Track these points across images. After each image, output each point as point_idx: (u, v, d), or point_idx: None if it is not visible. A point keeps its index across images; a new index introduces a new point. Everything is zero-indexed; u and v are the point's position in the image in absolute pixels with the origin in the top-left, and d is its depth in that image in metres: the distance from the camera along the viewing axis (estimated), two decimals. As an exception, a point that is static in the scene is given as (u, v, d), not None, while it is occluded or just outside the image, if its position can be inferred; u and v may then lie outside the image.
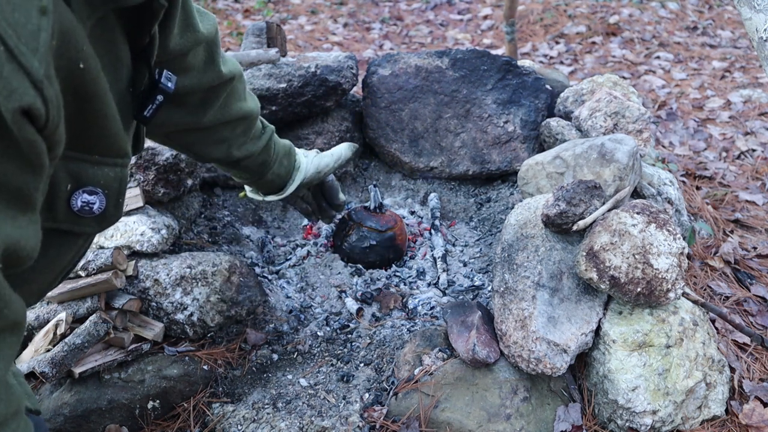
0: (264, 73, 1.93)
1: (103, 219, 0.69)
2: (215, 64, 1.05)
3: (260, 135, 1.28)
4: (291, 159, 1.42)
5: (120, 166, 0.68)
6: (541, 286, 1.38)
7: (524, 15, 4.70)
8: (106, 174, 0.66)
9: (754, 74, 3.66)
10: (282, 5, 5.09)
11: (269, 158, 1.33)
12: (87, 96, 0.58)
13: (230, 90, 1.13)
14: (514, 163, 2.06)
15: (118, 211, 0.71)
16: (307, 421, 1.32)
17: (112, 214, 0.70)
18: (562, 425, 1.33)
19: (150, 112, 0.72)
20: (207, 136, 1.17)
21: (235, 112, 1.17)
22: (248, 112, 1.20)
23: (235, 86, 1.14)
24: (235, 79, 1.13)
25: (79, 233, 0.69)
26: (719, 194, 2.36)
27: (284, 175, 1.40)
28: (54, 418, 1.31)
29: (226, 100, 1.13)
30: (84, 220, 0.67)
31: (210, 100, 1.10)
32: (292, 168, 1.42)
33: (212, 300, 1.50)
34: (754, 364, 1.54)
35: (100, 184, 0.66)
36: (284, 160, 1.39)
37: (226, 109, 1.14)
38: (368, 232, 1.82)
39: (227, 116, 1.15)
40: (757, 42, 1.28)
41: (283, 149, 1.38)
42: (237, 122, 1.19)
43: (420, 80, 2.12)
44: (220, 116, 1.14)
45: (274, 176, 1.37)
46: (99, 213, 0.67)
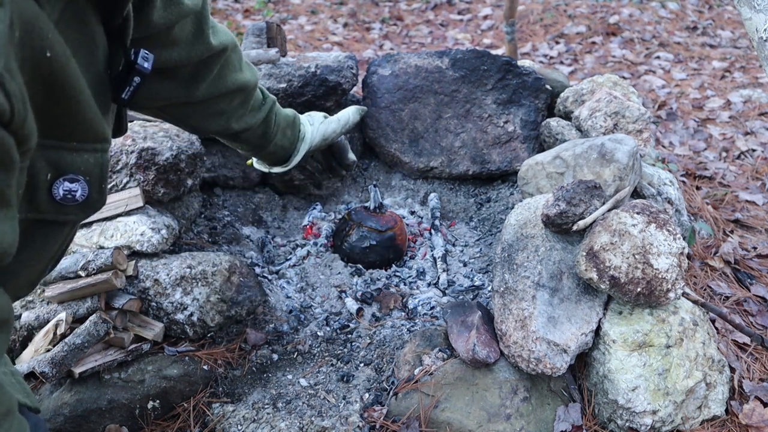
0: (264, 73, 1.93)
1: (87, 206, 0.68)
2: (204, 36, 1.02)
3: (260, 106, 1.25)
4: (295, 129, 1.38)
5: (100, 151, 0.67)
6: (541, 286, 1.38)
7: (524, 15, 4.70)
8: (86, 160, 0.65)
9: (754, 74, 3.66)
10: (282, 5, 5.09)
11: (270, 130, 1.29)
12: (57, 84, 0.57)
13: (223, 62, 1.10)
14: (514, 163, 2.06)
15: (102, 196, 0.70)
16: (307, 421, 1.32)
17: (96, 200, 0.69)
18: (562, 425, 1.33)
19: (128, 94, 0.70)
20: (202, 109, 1.14)
21: (230, 84, 1.13)
22: (244, 84, 1.17)
23: (228, 57, 1.11)
24: (227, 50, 1.09)
25: (64, 222, 0.68)
26: (719, 194, 2.36)
27: (288, 146, 1.37)
28: (54, 418, 1.31)
29: (219, 72, 1.10)
30: (67, 208, 0.66)
31: (202, 73, 1.07)
32: (296, 138, 1.38)
33: (212, 300, 1.50)
34: (754, 364, 1.54)
35: (81, 171, 0.65)
36: (287, 131, 1.35)
37: (221, 82, 1.11)
38: (368, 232, 1.82)
39: (222, 89, 1.12)
40: (757, 42, 1.28)
41: (285, 120, 1.34)
42: (233, 94, 1.16)
43: (420, 80, 2.12)
44: (214, 89, 1.11)
45: (276, 148, 1.34)
46: (82, 200, 0.66)
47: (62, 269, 1.41)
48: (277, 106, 1.31)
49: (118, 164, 1.62)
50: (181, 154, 1.66)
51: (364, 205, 1.92)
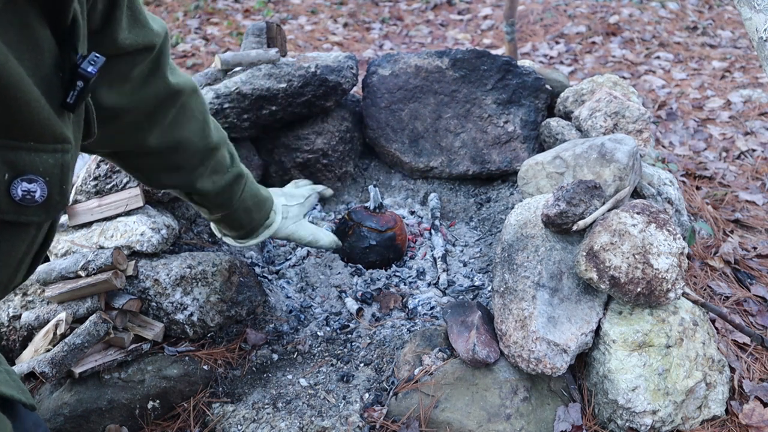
0: (264, 73, 1.93)
1: (49, 207, 0.67)
2: (162, 71, 0.98)
3: (224, 170, 1.19)
4: (262, 214, 1.33)
5: (60, 152, 0.66)
6: (541, 286, 1.38)
7: (524, 15, 4.70)
8: (45, 161, 0.64)
9: (754, 74, 3.66)
10: (282, 5, 5.09)
11: (231, 202, 1.23)
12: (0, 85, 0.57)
13: (180, 107, 1.05)
14: (514, 163, 2.06)
15: (63, 198, 0.69)
16: (307, 421, 1.32)
17: (58, 201, 0.68)
18: (562, 425, 1.33)
19: (72, 98, 0.67)
20: (156, 160, 1.08)
21: (187, 134, 1.08)
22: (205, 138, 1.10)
23: (186, 103, 1.06)
24: (184, 94, 1.04)
25: (26, 223, 0.67)
26: (719, 194, 2.36)
27: (246, 225, 1.32)
28: (54, 418, 1.31)
29: (175, 118, 1.05)
30: (28, 209, 0.65)
31: (155, 116, 1.02)
32: (259, 224, 1.33)
33: (212, 300, 1.50)
34: (754, 364, 1.54)
35: (39, 171, 0.64)
36: (253, 212, 1.30)
37: (176, 130, 1.06)
38: (368, 232, 1.82)
39: (178, 138, 1.07)
40: (757, 42, 1.28)
41: (253, 198, 1.28)
42: (191, 147, 1.10)
43: (420, 80, 2.12)
44: (169, 137, 1.05)
45: (233, 223, 1.29)
46: (42, 201, 0.65)
47: (62, 269, 1.41)
48: (248, 180, 1.26)
49: (118, 164, 1.62)
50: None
51: (364, 205, 1.92)
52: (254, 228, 1.35)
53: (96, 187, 1.60)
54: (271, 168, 2.12)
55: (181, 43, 4.18)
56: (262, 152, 2.11)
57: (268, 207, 1.35)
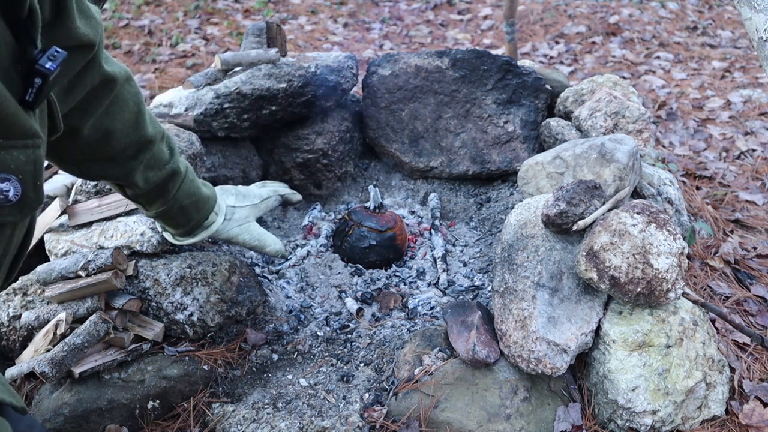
0: (264, 73, 1.93)
1: (24, 205, 0.65)
2: (97, 59, 0.94)
3: (161, 167, 1.16)
4: (200, 214, 1.29)
5: (31, 147, 0.64)
6: (541, 286, 1.38)
7: (524, 15, 4.70)
8: (16, 158, 0.63)
9: (754, 74, 3.66)
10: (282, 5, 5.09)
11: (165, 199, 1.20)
12: None
13: (114, 96, 1.02)
14: (514, 163, 2.06)
15: (38, 195, 0.67)
16: (307, 421, 1.32)
17: (33, 199, 0.66)
18: (562, 425, 1.33)
19: (31, 96, 0.65)
20: (89, 149, 1.05)
21: (119, 124, 1.04)
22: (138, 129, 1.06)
23: (120, 92, 1.02)
24: (118, 83, 1.01)
25: (2, 224, 0.65)
26: (719, 194, 2.36)
27: (183, 224, 1.29)
28: (54, 418, 1.31)
29: (109, 108, 1.02)
30: (2, 209, 0.63)
31: (90, 104, 0.98)
32: (198, 224, 1.30)
33: (212, 300, 1.50)
34: (754, 364, 1.54)
35: (11, 169, 0.62)
36: (190, 211, 1.26)
37: (109, 119, 1.02)
38: (368, 232, 1.82)
39: (110, 127, 1.03)
40: (757, 42, 1.28)
41: (190, 198, 1.25)
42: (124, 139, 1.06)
43: (420, 80, 2.12)
44: (100, 127, 1.02)
45: (167, 219, 1.27)
46: (17, 200, 0.63)
47: (62, 269, 1.41)
48: (186, 179, 1.22)
49: (118, 164, 1.62)
50: (181, 154, 1.66)
51: (364, 205, 1.92)
52: (192, 228, 1.31)
53: (96, 187, 1.60)
54: (271, 168, 2.12)
55: (181, 43, 4.18)
56: (262, 152, 2.11)
57: (209, 208, 1.31)
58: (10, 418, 0.77)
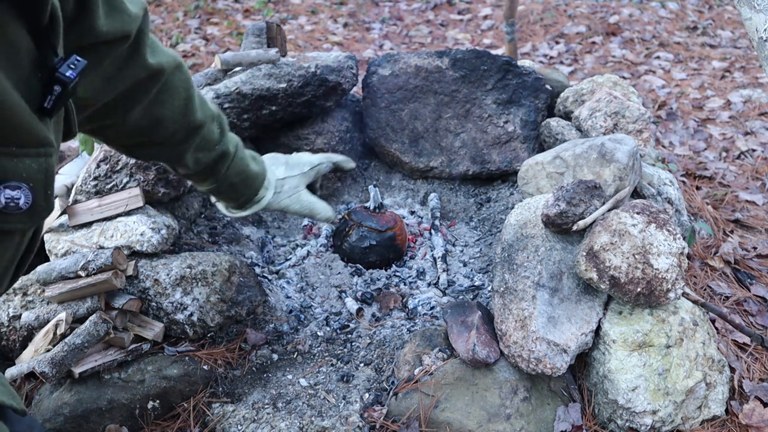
0: (264, 73, 1.93)
1: (34, 213, 0.65)
2: (141, 53, 0.93)
3: (211, 148, 1.16)
4: (250, 190, 1.30)
5: (44, 156, 0.64)
6: (541, 286, 1.38)
7: (524, 15, 4.70)
8: (28, 166, 0.63)
9: (754, 74, 3.66)
10: (282, 5, 5.09)
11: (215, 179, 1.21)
12: None
13: (162, 85, 1.00)
14: (514, 163, 2.06)
15: (48, 203, 0.67)
16: (307, 421, 1.32)
17: (43, 207, 0.66)
18: (562, 425, 1.33)
19: (50, 103, 0.64)
20: (138, 136, 1.05)
21: (168, 112, 1.04)
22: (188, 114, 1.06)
23: (168, 81, 1.01)
24: (165, 73, 1.00)
25: (11, 231, 0.65)
26: (719, 194, 2.36)
27: (234, 199, 1.30)
28: (54, 418, 1.31)
29: (157, 96, 1.01)
30: (13, 216, 0.63)
31: (136, 95, 0.97)
32: (248, 199, 1.31)
33: (212, 300, 1.50)
34: (754, 364, 1.54)
35: (23, 177, 0.62)
36: (240, 188, 1.28)
37: (158, 108, 1.02)
38: (368, 232, 1.82)
39: (158, 115, 1.03)
40: (757, 42, 1.28)
41: (240, 176, 1.26)
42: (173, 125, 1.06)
43: (420, 80, 2.12)
44: (149, 116, 1.02)
45: (218, 195, 1.28)
46: (27, 208, 0.63)
47: (62, 269, 1.41)
48: (236, 158, 1.23)
49: (118, 164, 1.62)
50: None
51: (364, 205, 1.92)
52: (243, 202, 1.32)
53: (96, 187, 1.60)
54: (271, 168, 2.12)
55: (181, 43, 4.18)
56: (262, 152, 2.11)
57: (258, 184, 1.32)
58: (10, 419, 0.77)
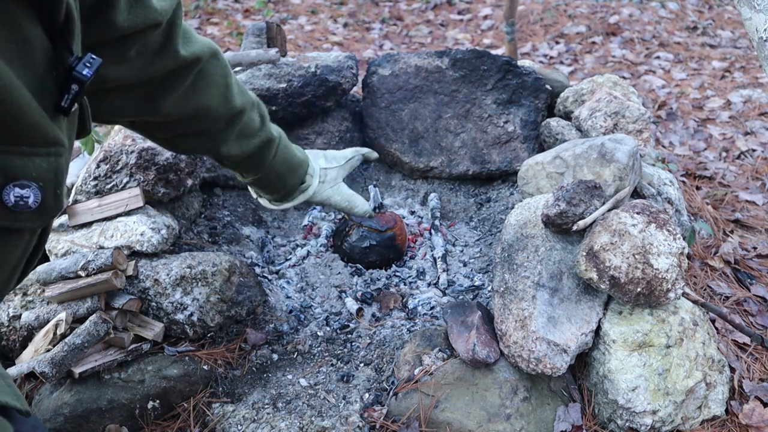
0: (264, 73, 1.93)
1: (43, 212, 0.65)
2: (172, 45, 0.92)
3: (254, 134, 1.15)
4: (296, 179, 1.28)
5: (54, 155, 0.64)
6: (541, 286, 1.38)
7: (524, 15, 4.70)
8: (38, 165, 0.62)
9: (754, 74, 3.66)
10: (282, 5, 5.09)
11: (262, 165, 1.20)
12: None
13: (197, 74, 0.99)
14: (514, 163, 2.06)
15: (58, 203, 0.67)
16: (307, 421, 1.32)
17: (52, 206, 0.66)
18: (562, 425, 1.33)
19: (67, 102, 0.64)
20: (176, 127, 1.04)
21: (205, 101, 1.02)
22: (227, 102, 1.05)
23: (203, 70, 1.00)
24: (200, 62, 0.98)
25: (20, 229, 0.65)
26: (719, 194, 2.36)
27: (280, 189, 1.28)
28: (54, 418, 1.31)
29: (193, 85, 1.00)
30: (22, 215, 0.63)
31: (168, 85, 0.97)
32: (294, 188, 1.29)
33: (212, 300, 1.50)
34: (754, 364, 1.54)
35: (33, 176, 0.62)
36: (286, 176, 1.26)
37: (194, 97, 1.01)
38: (368, 232, 1.82)
39: (196, 105, 1.01)
40: (757, 42, 1.28)
41: (286, 164, 1.24)
42: (212, 112, 1.05)
43: (420, 80, 2.12)
44: (185, 105, 1.00)
45: (264, 185, 1.26)
46: (36, 207, 0.63)
47: (62, 269, 1.41)
48: (281, 144, 1.22)
49: (118, 164, 1.62)
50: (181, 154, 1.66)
51: (364, 205, 1.92)
52: (288, 192, 1.30)
53: (96, 187, 1.60)
54: (271, 168, 2.12)
55: (181, 43, 4.18)
56: (262, 152, 2.11)
57: (303, 171, 1.29)
58: (14, 419, 0.77)
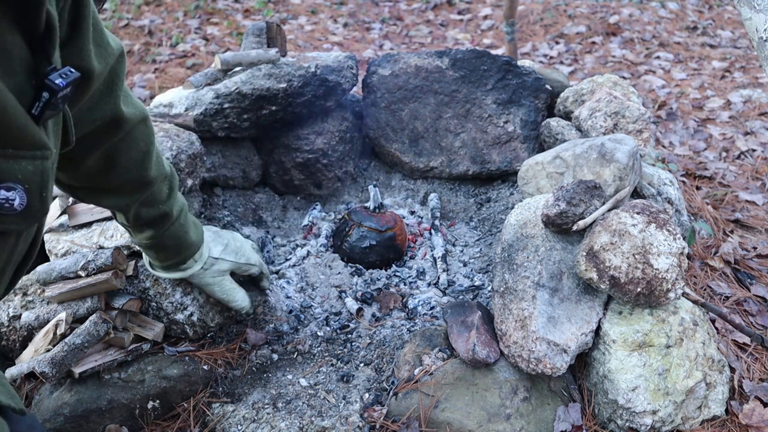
0: (264, 73, 1.93)
1: (28, 215, 0.66)
2: (113, 96, 0.95)
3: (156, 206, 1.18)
4: (179, 258, 1.31)
5: (40, 158, 0.65)
6: (541, 286, 1.38)
7: (524, 15, 4.70)
8: (24, 168, 0.63)
9: (754, 74, 3.66)
10: (282, 5, 5.09)
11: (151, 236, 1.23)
12: None
13: (126, 134, 1.03)
14: (514, 163, 2.06)
15: (43, 205, 0.68)
16: (307, 421, 1.32)
17: (38, 209, 0.67)
18: (562, 425, 1.33)
19: (37, 110, 0.65)
20: (89, 180, 1.07)
21: (125, 163, 1.06)
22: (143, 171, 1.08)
23: (132, 132, 1.04)
24: (130, 123, 1.02)
25: (6, 231, 0.66)
26: (719, 194, 2.36)
27: (161, 260, 1.31)
28: (54, 418, 1.31)
29: (118, 144, 1.03)
30: (7, 217, 0.64)
31: (98, 138, 1.00)
32: (173, 265, 1.32)
33: (212, 300, 1.50)
34: (754, 364, 1.54)
35: (18, 179, 0.63)
36: (170, 251, 1.29)
37: (116, 156, 1.04)
38: (368, 232, 1.82)
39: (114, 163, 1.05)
40: (757, 42, 1.28)
41: (175, 240, 1.27)
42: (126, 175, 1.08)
43: (420, 80, 2.12)
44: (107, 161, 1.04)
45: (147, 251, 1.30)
46: (22, 209, 0.64)
47: (62, 269, 1.41)
48: (177, 222, 1.24)
49: (118, 164, 1.61)
50: (181, 153, 1.66)
51: (364, 205, 1.92)
52: (168, 266, 1.34)
53: (96, 187, 1.60)
54: (271, 168, 2.12)
55: (181, 43, 4.18)
56: (262, 152, 2.11)
57: (189, 253, 1.33)
58: (10, 419, 0.77)
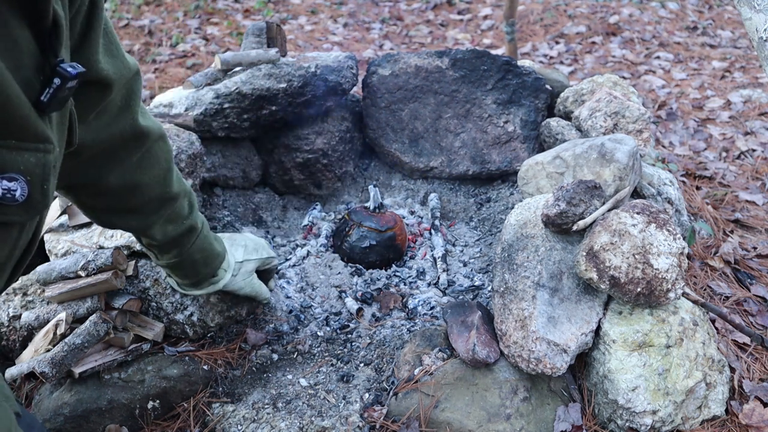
0: (264, 73, 1.93)
1: (30, 206, 0.67)
2: (131, 110, 0.97)
3: (179, 221, 1.19)
4: (209, 270, 1.32)
5: (42, 151, 0.66)
6: (541, 286, 1.38)
7: (524, 15, 4.70)
8: (26, 160, 0.64)
9: (754, 74, 3.65)
10: (282, 5, 5.09)
11: (179, 252, 1.23)
12: None
13: (146, 150, 1.04)
14: (514, 163, 2.06)
15: (45, 198, 0.69)
16: (307, 421, 1.32)
17: (39, 201, 0.68)
18: (562, 425, 1.33)
19: (47, 96, 0.66)
20: (112, 200, 1.08)
21: (148, 179, 1.07)
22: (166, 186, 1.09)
23: (151, 148, 1.05)
24: (150, 138, 1.03)
25: (7, 223, 0.67)
26: (719, 194, 2.36)
27: (191, 277, 1.32)
28: (54, 418, 1.31)
29: (139, 161, 1.04)
30: (9, 208, 0.65)
31: (118, 154, 1.01)
32: (204, 278, 1.34)
33: (212, 300, 1.50)
34: (754, 364, 1.54)
35: (20, 170, 0.64)
36: (200, 265, 1.30)
37: (139, 173, 1.05)
38: (368, 232, 1.82)
39: (138, 181, 1.06)
40: (757, 42, 1.28)
41: (202, 253, 1.28)
42: (149, 193, 1.09)
43: (420, 80, 2.12)
44: (130, 179, 1.04)
45: (176, 270, 1.30)
46: (23, 200, 0.65)
47: (62, 269, 1.41)
48: (201, 234, 1.26)
49: (118, 164, 1.61)
50: (181, 153, 1.66)
51: (364, 205, 1.92)
52: (200, 281, 1.34)
53: (96, 187, 1.60)
54: (271, 168, 2.12)
55: (181, 43, 4.18)
56: (262, 152, 2.11)
57: (217, 264, 1.34)
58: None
